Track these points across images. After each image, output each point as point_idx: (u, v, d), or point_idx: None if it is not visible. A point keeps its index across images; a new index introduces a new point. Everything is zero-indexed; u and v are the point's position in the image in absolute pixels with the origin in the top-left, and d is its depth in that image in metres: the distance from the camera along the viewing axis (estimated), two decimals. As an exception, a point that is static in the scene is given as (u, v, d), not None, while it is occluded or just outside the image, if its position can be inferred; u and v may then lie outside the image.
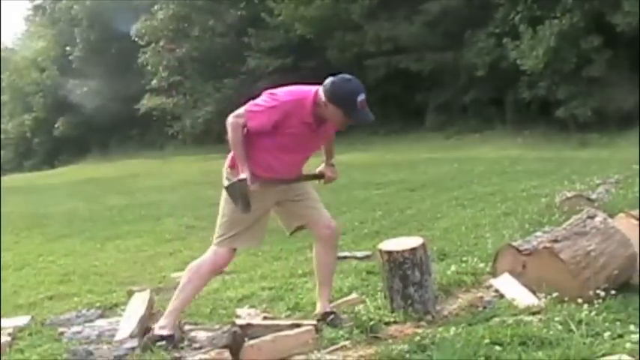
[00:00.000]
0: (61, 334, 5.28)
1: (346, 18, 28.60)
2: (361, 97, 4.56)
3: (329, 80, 4.62)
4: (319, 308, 5.05)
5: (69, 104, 44.88)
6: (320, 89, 4.64)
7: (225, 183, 4.74)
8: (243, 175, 4.56)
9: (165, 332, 4.67)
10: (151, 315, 5.16)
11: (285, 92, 4.69)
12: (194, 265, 4.87)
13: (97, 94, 41.71)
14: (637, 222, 5.23)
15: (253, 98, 4.74)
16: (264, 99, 4.68)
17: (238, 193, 4.58)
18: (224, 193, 4.80)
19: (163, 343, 4.59)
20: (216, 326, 4.94)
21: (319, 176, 5.05)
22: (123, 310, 5.68)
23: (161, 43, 37.67)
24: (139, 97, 39.33)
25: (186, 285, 4.83)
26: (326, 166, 5.09)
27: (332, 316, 4.91)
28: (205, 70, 36.69)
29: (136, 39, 39.00)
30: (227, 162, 4.87)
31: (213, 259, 4.84)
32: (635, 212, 5.41)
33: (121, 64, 41.72)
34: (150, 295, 5.40)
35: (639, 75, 20.12)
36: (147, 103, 39.03)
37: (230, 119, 4.68)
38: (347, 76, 4.64)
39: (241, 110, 4.70)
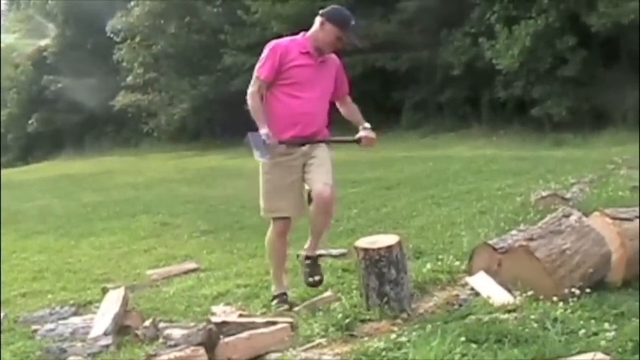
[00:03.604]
0: (35, 331, 5.23)
1: (323, 16, 28.59)
2: (353, 22, 5.34)
3: (327, 7, 5.39)
4: (306, 248, 5.49)
5: (43, 100, 44.72)
6: (316, 20, 5.41)
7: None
8: (264, 131, 4.99)
9: (276, 292, 5.45)
10: (125, 312, 5.12)
11: (277, 39, 5.41)
12: (267, 239, 5.52)
13: (72, 90, 41.47)
14: (611, 221, 5.25)
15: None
16: (263, 54, 5.27)
17: (260, 143, 4.97)
18: (261, 169, 5.27)
19: (276, 302, 5.36)
20: (192, 324, 4.90)
21: (355, 141, 5.31)
22: (97, 307, 5.63)
23: (137, 40, 37.50)
24: (114, 93, 39.15)
25: (272, 254, 5.54)
26: (362, 130, 5.41)
27: (309, 261, 5.43)
28: (181, 67, 36.63)
29: (112, 35, 38.84)
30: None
31: (273, 229, 5.43)
32: (610, 211, 5.43)
33: (97, 60, 41.55)
34: (124, 293, 5.35)
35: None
36: (122, 99, 38.90)
37: (248, 92, 5.21)
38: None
39: (252, 78, 5.26)
